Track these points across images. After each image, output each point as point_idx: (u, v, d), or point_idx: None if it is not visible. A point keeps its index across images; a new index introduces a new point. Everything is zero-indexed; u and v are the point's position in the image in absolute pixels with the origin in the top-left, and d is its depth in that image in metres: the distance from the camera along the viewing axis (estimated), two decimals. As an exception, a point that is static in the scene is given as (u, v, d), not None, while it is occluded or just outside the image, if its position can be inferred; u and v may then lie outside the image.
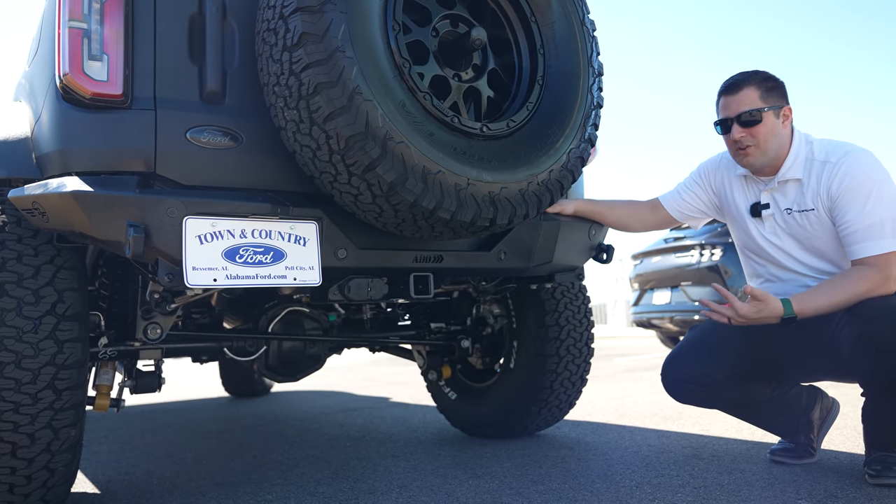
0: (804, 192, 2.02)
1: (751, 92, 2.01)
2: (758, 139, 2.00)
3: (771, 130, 2.00)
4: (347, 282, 1.89)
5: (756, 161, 2.04)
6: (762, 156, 2.03)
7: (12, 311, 1.63)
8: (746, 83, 2.02)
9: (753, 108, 1.99)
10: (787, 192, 2.06)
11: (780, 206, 2.07)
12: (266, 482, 2.20)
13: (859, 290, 1.87)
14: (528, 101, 1.84)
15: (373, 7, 1.59)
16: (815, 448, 2.17)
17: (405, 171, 1.57)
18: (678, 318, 6.39)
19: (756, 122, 1.99)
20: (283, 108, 1.58)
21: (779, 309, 1.89)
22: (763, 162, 2.04)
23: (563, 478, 2.09)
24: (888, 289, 1.87)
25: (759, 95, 2.01)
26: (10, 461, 1.66)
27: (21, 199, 1.62)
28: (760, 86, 2.02)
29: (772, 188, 2.08)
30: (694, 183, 2.30)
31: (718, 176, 2.25)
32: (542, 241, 2.15)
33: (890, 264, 1.87)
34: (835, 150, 1.99)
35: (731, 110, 2.03)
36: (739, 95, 2.02)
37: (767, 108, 2.00)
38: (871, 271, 1.88)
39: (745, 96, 2.01)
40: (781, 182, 2.06)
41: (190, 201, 1.58)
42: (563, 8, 1.93)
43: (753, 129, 2.00)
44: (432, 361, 2.87)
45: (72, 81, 1.55)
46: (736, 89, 2.03)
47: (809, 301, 1.90)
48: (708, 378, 2.08)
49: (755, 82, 2.02)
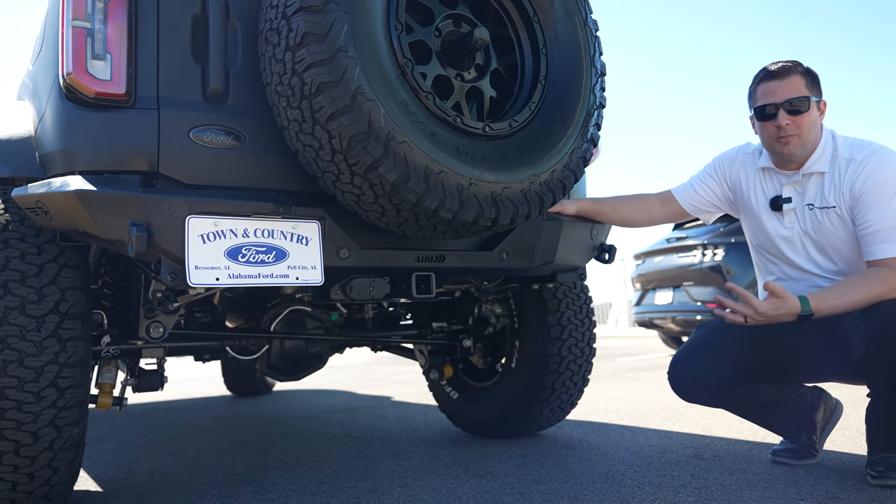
0: (826, 188, 2.00)
1: (798, 80, 1.98)
2: (801, 129, 1.97)
3: (814, 121, 1.99)
4: (349, 281, 1.90)
5: (796, 150, 1.99)
6: (802, 146, 1.99)
7: (16, 310, 1.63)
8: (794, 70, 1.99)
9: (802, 96, 1.96)
10: (809, 187, 2.04)
11: (802, 200, 2.05)
12: (268, 481, 2.21)
13: (878, 291, 1.85)
14: (530, 101, 1.84)
15: (375, 7, 1.59)
16: (817, 449, 2.17)
17: (407, 170, 1.57)
18: (680, 318, 6.38)
19: (804, 110, 1.97)
20: (286, 107, 1.59)
21: (796, 306, 1.86)
22: (801, 153, 2.00)
23: (564, 477, 2.09)
24: None
25: (806, 84, 1.98)
26: (13, 459, 1.66)
27: (25, 197, 1.63)
28: (806, 75, 2.00)
29: (795, 181, 2.05)
30: (708, 176, 2.28)
31: (734, 170, 2.22)
32: (545, 240, 2.15)
33: None
34: (860, 149, 1.98)
35: (777, 96, 1.98)
36: (787, 81, 1.98)
37: (814, 98, 1.98)
38: (891, 273, 1.87)
39: (793, 83, 1.98)
40: (806, 175, 2.03)
41: (193, 200, 1.58)
42: (566, 8, 1.93)
43: (800, 118, 1.97)
44: (434, 361, 2.87)
45: (75, 81, 1.55)
46: (784, 75, 1.99)
47: (827, 299, 1.88)
48: (714, 378, 2.07)
49: (801, 71, 2.00)
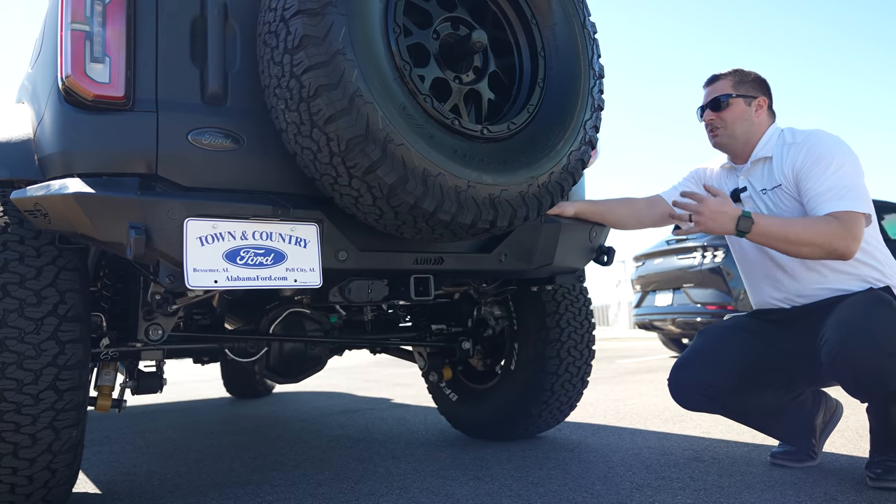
0: (773, 170, 2.13)
1: (725, 83, 2.23)
2: (725, 122, 2.20)
3: (739, 115, 2.19)
4: (348, 283, 1.90)
5: (722, 140, 2.22)
6: (729, 136, 2.20)
7: (14, 312, 1.63)
8: (723, 77, 2.25)
9: (722, 94, 2.21)
10: (759, 174, 2.18)
11: (755, 187, 2.18)
12: (267, 483, 2.21)
13: (821, 230, 1.91)
14: (528, 104, 1.85)
15: (374, 10, 1.59)
16: (816, 451, 2.17)
17: (405, 173, 1.57)
18: (680, 319, 6.38)
19: (725, 107, 2.20)
20: (284, 110, 1.59)
21: (737, 210, 1.97)
22: (729, 142, 2.21)
23: (563, 480, 2.09)
24: (846, 245, 1.89)
25: (732, 85, 2.22)
26: (12, 461, 1.66)
27: (23, 200, 1.63)
28: (734, 78, 2.23)
29: (746, 171, 2.22)
30: (688, 181, 2.43)
31: (707, 175, 2.39)
32: (543, 243, 2.15)
33: (853, 221, 1.91)
34: (800, 133, 2.14)
35: (705, 99, 2.27)
36: (715, 86, 2.25)
37: (736, 94, 2.20)
38: (834, 221, 1.92)
39: (718, 86, 2.24)
40: (755, 162, 2.19)
41: (191, 203, 1.59)
42: (564, 10, 1.93)
43: (721, 113, 2.20)
44: (433, 363, 2.87)
45: (74, 83, 1.56)
46: (713, 81, 2.27)
47: (768, 218, 1.99)
48: (715, 387, 2.08)
49: (731, 76, 2.24)
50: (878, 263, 2.04)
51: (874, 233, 2.07)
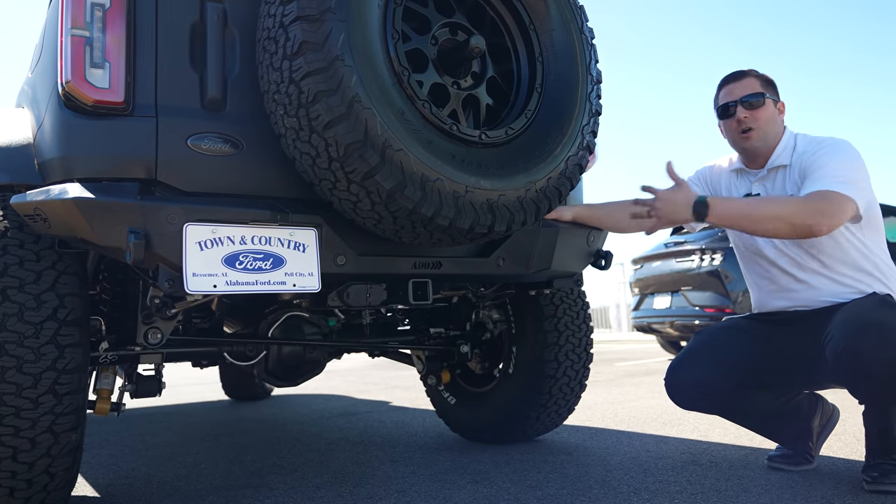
0: (787, 180, 2.10)
1: (753, 81, 2.16)
2: (759, 122, 2.12)
3: (771, 117, 2.14)
4: (346, 288, 1.91)
5: (757, 143, 2.14)
6: (762, 139, 2.13)
7: (14, 316, 1.64)
8: (749, 74, 2.17)
9: (758, 93, 2.13)
10: (775, 181, 2.14)
11: (769, 194, 2.14)
12: (265, 486, 2.21)
13: (789, 206, 1.92)
14: (526, 109, 1.86)
15: (372, 16, 1.60)
16: (813, 455, 2.18)
17: (404, 178, 1.58)
18: (679, 322, 6.38)
19: (759, 106, 2.12)
20: (283, 115, 1.60)
21: (692, 195, 1.98)
22: (762, 145, 2.14)
23: (561, 483, 2.10)
24: (815, 221, 1.86)
25: (761, 84, 2.15)
26: (11, 465, 1.66)
27: (23, 205, 1.64)
28: (760, 77, 2.17)
29: (762, 177, 2.17)
30: (692, 184, 2.35)
31: (714, 177, 2.34)
32: (541, 247, 2.16)
33: (831, 199, 1.89)
34: (813, 142, 2.11)
35: (734, 95, 2.15)
36: (743, 82, 2.16)
37: (768, 95, 2.14)
38: (804, 199, 1.91)
39: (748, 83, 2.15)
40: (771, 170, 2.15)
41: (190, 208, 1.59)
42: (562, 16, 1.94)
43: (756, 112, 2.12)
44: (431, 366, 2.87)
45: (74, 89, 1.56)
46: (740, 77, 2.18)
47: (726, 201, 2.00)
48: (711, 386, 2.09)
49: (756, 74, 2.18)
50: (883, 276, 2.04)
51: (880, 243, 2.07)
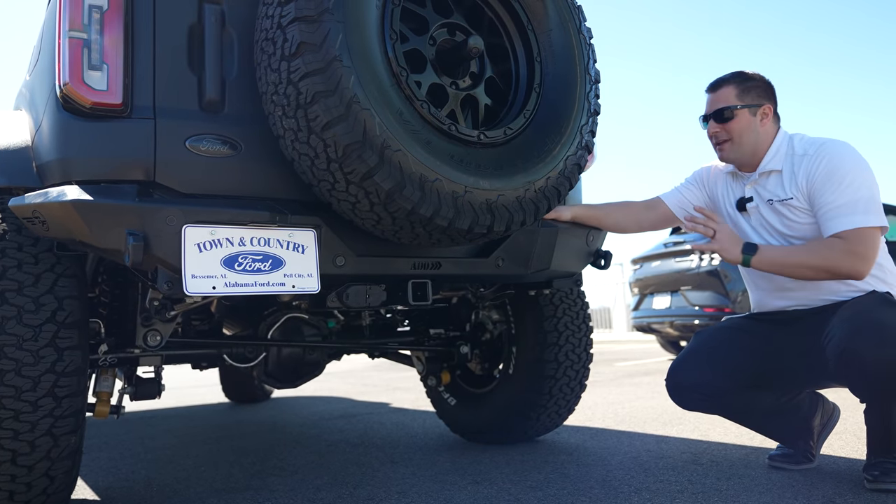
0: (784, 182, 2.09)
1: (728, 91, 2.14)
2: (732, 134, 2.12)
3: (746, 127, 2.11)
4: (346, 289, 1.90)
5: (730, 155, 2.15)
6: (737, 150, 2.13)
7: (12, 319, 1.64)
8: (726, 83, 2.15)
9: (727, 106, 2.12)
10: (768, 185, 2.14)
11: (762, 197, 2.14)
12: (265, 488, 2.21)
13: (822, 256, 1.93)
14: (525, 109, 1.85)
15: (370, 16, 1.60)
16: (814, 454, 2.18)
17: (402, 179, 1.58)
18: (678, 322, 6.39)
19: (729, 119, 2.12)
20: (282, 116, 1.60)
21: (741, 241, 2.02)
22: (738, 156, 2.14)
23: (561, 483, 2.09)
24: (851, 265, 1.90)
25: (736, 94, 2.13)
26: (11, 468, 1.66)
27: (21, 207, 1.64)
28: (739, 85, 2.14)
29: (754, 181, 2.16)
30: (690, 184, 2.38)
31: (712, 179, 2.34)
32: (540, 247, 2.15)
33: (858, 239, 1.90)
34: (812, 144, 2.09)
35: (708, 108, 2.18)
36: (717, 94, 2.16)
37: (741, 105, 2.11)
38: (838, 242, 1.92)
39: (721, 94, 2.15)
40: (763, 174, 2.14)
41: (189, 210, 1.59)
42: (560, 16, 1.94)
43: (727, 125, 2.12)
44: (431, 367, 2.87)
45: (72, 91, 1.56)
46: (715, 87, 2.17)
47: (772, 249, 2.01)
48: (712, 386, 2.09)
49: (735, 82, 2.14)
50: (883, 274, 2.04)
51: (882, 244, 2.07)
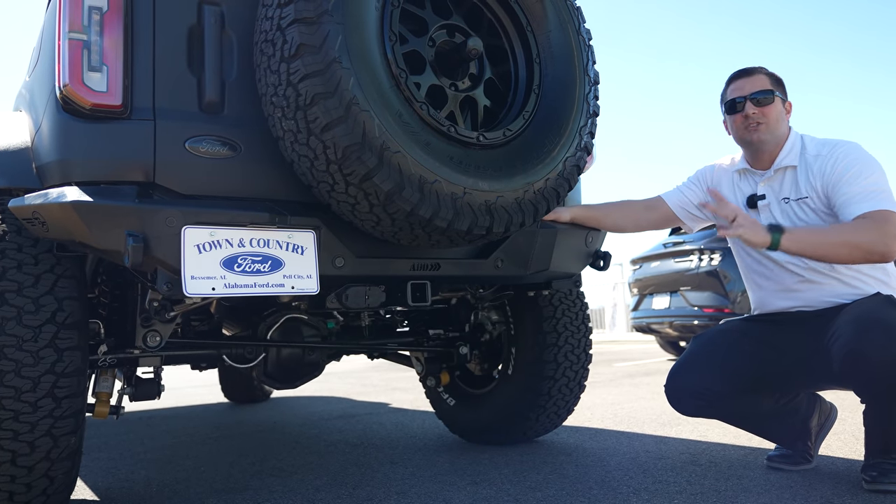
0: (800, 181, 2.09)
1: (763, 78, 2.16)
2: (768, 118, 2.12)
3: (779, 115, 2.14)
4: (345, 290, 1.91)
5: (764, 136, 2.12)
6: (770, 133, 2.12)
7: (12, 320, 1.64)
8: (759, 71, 2.17)
9: (766, 89, 2.13)
10: (783, 182, 2.13)
11: (777, 195, 2.13)
12: (265, 489, 2.21)
13: (855, 234, 1.90)
14: (524, 110, 1.86)
15: (369, 18, 1.60)
16: (812, 454, 2.18)
17: (402, 180, 1.58)
18: (677, 322, 6.39)
19: (768, 103, 2.12)
20: (281, 118, 1.60)
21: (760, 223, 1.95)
22: (770, 140, 2.13)
23: (560, 484, 2.10)
24: (885, 244, 1.86)
25: (770, 83, 2.15)
26: (10, 469, 1.66)
27: (21, 208, 1.64)
28: (769, 76, 2.17)
29: (768, 178, 2.15)
30: (693, 183, 2.37)
31: (715, 177, 2.32)
32: (539, 248, 2.16)
33: (884, 219, 1.89)
34: (824, 145, 2.10)
35: (744, 90, 2.15)
36: (754, 78, 2.16)
37: (777, 93, 2.14)
38: (869, 223, 1.90)
39: (758, 79, 2.15)
40: (778, 170, 2.14)
41: (189, 211, 1.59)
42: (559, 17, 1.94)
43: (766, 108, 2.12)
44: (431, 368, 2.87)
45: (71, 92, 1.56)
46: (750, 73, 2.18)
47: (799, 230, 1.98)
48: (711, 392, 2.09)
49: (766, 72, 2.18)
50: (887, 277, 2.05)
51: None
